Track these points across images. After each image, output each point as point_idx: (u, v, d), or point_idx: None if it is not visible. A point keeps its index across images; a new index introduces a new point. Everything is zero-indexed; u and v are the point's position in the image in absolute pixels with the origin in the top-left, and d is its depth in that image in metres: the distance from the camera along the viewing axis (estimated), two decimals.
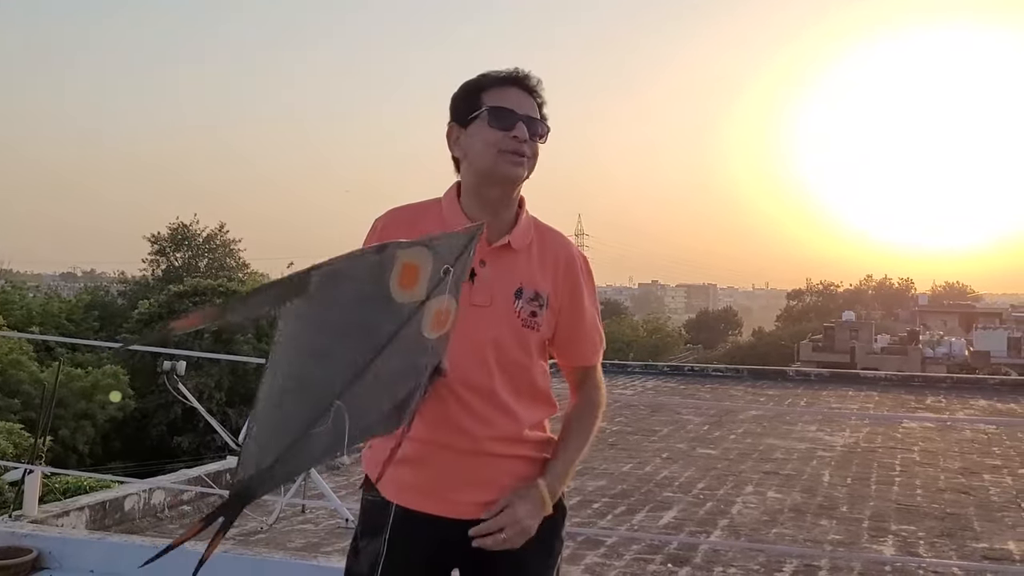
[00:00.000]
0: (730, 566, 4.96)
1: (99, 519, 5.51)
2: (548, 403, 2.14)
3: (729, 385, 14.34)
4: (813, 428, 9.98)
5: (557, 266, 2.08)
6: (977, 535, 5.79)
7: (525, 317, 2.03)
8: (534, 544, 2.00)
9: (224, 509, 1.73)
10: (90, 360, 31.81)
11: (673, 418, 10.56)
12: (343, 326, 1.65)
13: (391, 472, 1.95)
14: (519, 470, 2.05)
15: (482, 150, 2.01)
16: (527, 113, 2.03)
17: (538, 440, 2.10)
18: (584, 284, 2.12)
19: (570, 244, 2.16)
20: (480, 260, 2.00)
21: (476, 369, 2.00)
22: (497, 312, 2.01)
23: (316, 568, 4.01)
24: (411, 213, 2.11)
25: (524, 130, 2.01)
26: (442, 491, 2.01)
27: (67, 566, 4.21)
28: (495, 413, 2.01)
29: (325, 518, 5.95)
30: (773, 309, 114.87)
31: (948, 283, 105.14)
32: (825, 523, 6.01)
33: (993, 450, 8.95)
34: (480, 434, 1.99)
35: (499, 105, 2.01)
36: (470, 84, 2.07)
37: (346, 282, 1.63)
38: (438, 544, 2.02)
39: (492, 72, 2.08)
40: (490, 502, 1.99)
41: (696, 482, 7.18)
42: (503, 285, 2.03)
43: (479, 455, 2.00)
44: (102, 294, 45.28)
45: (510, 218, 2.08)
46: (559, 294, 2.08)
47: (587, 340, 2.14)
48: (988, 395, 13.55)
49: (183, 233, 46.45)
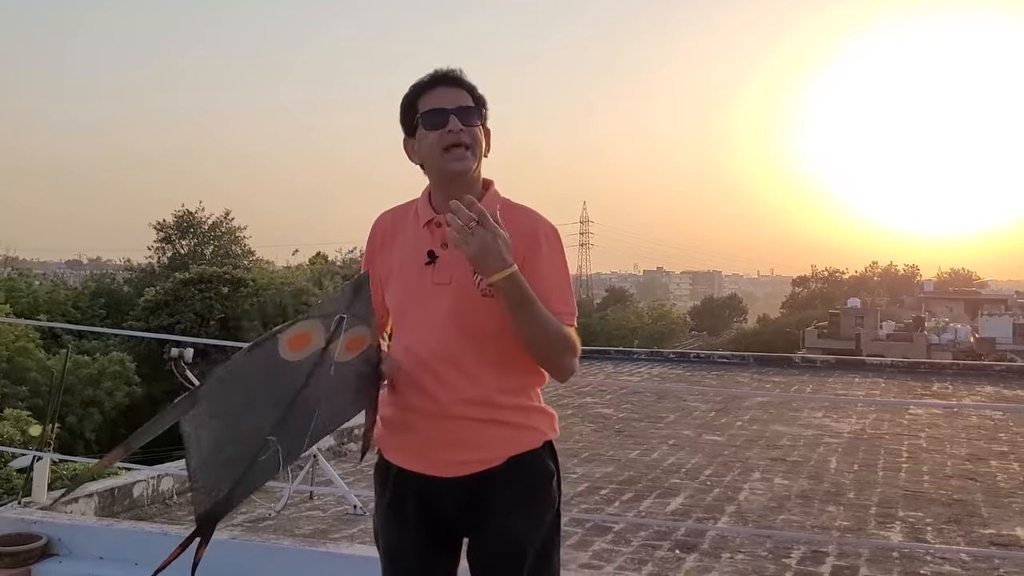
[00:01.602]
0: (738, 552, 4.97)
1: (108, 506, 5.52)
2: (528, 370, 2.27)
3: (735, 372, 14.33)
4: (819, 414, 9.98)
5: (519, 236, 2.19)
6: (984, 521, 5.79)
7: (484, 288, 2.16)
8: (519, 502, 2.20)
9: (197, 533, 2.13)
10: (97, 347, 31.92)
11: (679, 405, 10.56)
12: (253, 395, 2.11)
13: (388, 437, 2.32)
14: (494, 432, 2.22)
15: (429, 153, 2.23)
16: (457, 104, 2.22)
17: (516, 406, 2.25)
18: (544, 250, 2.25)
19: (537, 217, 2.31)
20: (442, 243, 2.23)
21: (440, 340, 2.22)
22: (456, 287, 2.21)
23: (325, 554, 4.02)
24: (393, 215, 2.39)
25: (456, 122, 2.19)
26: (423, 452, 2.25)
27: (76, 552, 4.23)
28: (459, 379, 2.21)
29: (333, 504, 5.96)
30: (778, 296, 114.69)
31: (953, 269, 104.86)
32: (832, 509, 6.01)
33: (1000, 436, 8.94)
34: (445, 398, 2.20)
35: (429, 108, 2.21)
36: (406, 97, 2.28)
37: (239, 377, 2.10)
38: (427, 498, 2.25)
39: (419, 79, 2.27)
40: (466, 461, 2.22)
41: (703, 468, 7.18)
42: (463, 262, 2.15)
43: (449, 418, 2.21)
44: (108, 282, 45.30)
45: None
46: (520, 262, 2.16)
47: (545, 301, 2.18)
48: (994, 381, 13.52)
49: (189, 221, 46.48)
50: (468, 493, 2.22)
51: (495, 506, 2.21)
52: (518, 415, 2.25)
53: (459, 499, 2.23)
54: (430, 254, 2.25)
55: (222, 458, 2.11)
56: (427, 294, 2.24)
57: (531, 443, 2.25)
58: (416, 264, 2.27)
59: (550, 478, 2.28)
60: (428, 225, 2.28)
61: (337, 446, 7.41)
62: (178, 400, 2.10)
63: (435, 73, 2.27)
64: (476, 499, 2.22)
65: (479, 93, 2.28)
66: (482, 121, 2.27)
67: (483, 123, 2.28)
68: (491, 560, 2.23)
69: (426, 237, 2.27)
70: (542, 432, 2.28)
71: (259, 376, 2.13)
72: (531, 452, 2.24)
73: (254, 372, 2.13)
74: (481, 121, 2.26)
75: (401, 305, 2.31)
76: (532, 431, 2.27)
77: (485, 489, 2.21)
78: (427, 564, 2.30)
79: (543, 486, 2.25)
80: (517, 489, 2.22)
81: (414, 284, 2.27)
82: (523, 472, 2.23)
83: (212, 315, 34.60)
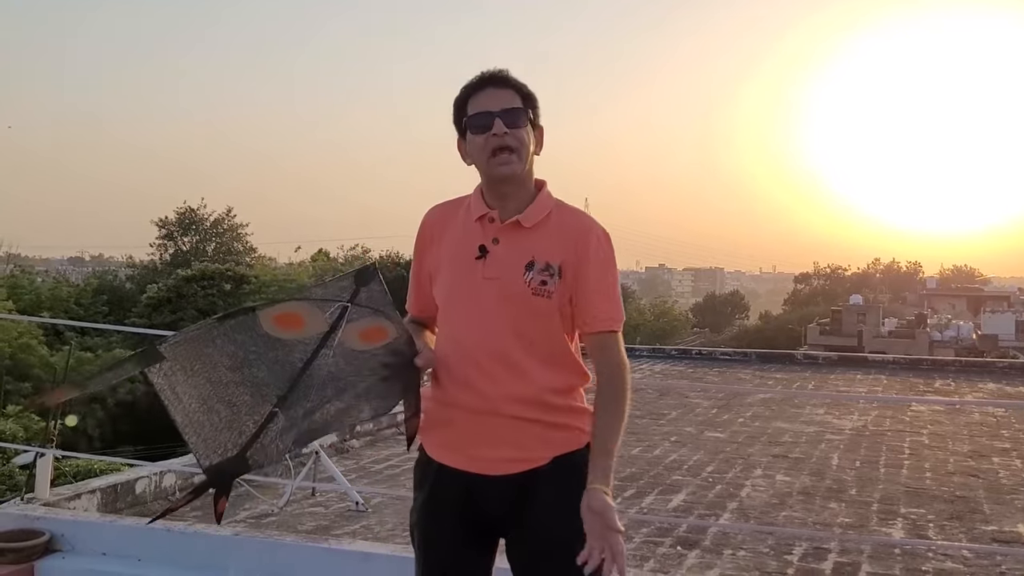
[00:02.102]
0: (739, 549, 4.97)
1: (111, 502, 5.53)
2: (574, 370, 2.29)
3: (737, 369, 14.33)
4: (821, 411, 9.98)
5: (572, 239, 2.25)
6: (987, 518, 5.78)
7: (535, 286, 2.22)
8: (563, 503, 2.17)
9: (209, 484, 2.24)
10: (99, 344, 31.93)
11: (681, 401, 10.56)
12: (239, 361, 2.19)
13: (431, 432, 2.31)
14: (540, 432, 2.22)
15: (477, 156, 2.25)
16: (503, 107, 2.23)
17: (563, 407, 2.25)
18: (593, 254, 2.27)
19: (589, 220, 2.32)
20: (493, 238, 2.26)
21: (489, 335, 2.22)
22: (506, 283, 2.22)
23: (327, 551, 4.02)
24: (443, 210, 2.40)
25: (501, 125, 2.21)
26: (466, 448, 2.24)
27: (79, 548, 4.23)
28: (506, 374, 2.21)
29: (335, 501, 5.97)
30: (780, 293, 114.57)
31: (956, 266, 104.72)
32: (834, 506, 6.01)
33: (1002, 433, 8.93)
34: (492, 393, 2.21)
35: (475, 112, 2.24)
36: (457, 98, 2.30)
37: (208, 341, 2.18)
38: (469, 496, 2.25)
39: (469, 80, 2.29)
40: (511, 459, 2.21)
41: (705, 465, 7.18)
42: (514, 259, 2.23)
43: (495, 415, 2.21)
44: (110, 278, 45.35)
45: (526, 199, 2.28)
46: (572, 264, 2.23)
47: (592, 306, 2.25)
48: (997, 378, 13.50)
49: (191, 217, 46.56)
50: (514, 491, 2.22)
51: (540, 506, 2.21)
52: (565, 415, 2.26)
53: (506, 496, 2.23)
54: (481, 248, 2.26)
55: (217, 420, 2.19)
56: (476, 288, 2.25)
57: (575, 443, 2.25)
58: (466, 258, 2.28)
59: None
60: (480, 220, 2.29)
61: (339, 443, 7.41)
62: (137, 352, 2.19)
63: (483, 74, 2.28)
64: (522, 497, 2.22)
65: (528, 91, 2.28)
66: (532, 120, 2.28)
67: (533, 122, 2.29)
68: (534, 560, 2.24)
69: (477, 232, 2.28)
70: (586, 432, 2.28)
71: (242, 345, 2.19)
72: (575, 452, 2.24)
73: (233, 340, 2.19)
74: (531, 120, 2.27)
75: (449, 298, 2.31)
76: (577, 431, 2.27)
77: (531, 488, 2.21)
78: (464, 561, 2.30)
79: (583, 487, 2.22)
80: (562, 490, 2.21)
81: (463, 278, 2.27)
82: (568, 473, 2.22)
83: (215, 312, 34.54)
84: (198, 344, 2.17)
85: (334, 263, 50.01)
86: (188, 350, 2.16)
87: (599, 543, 2.03)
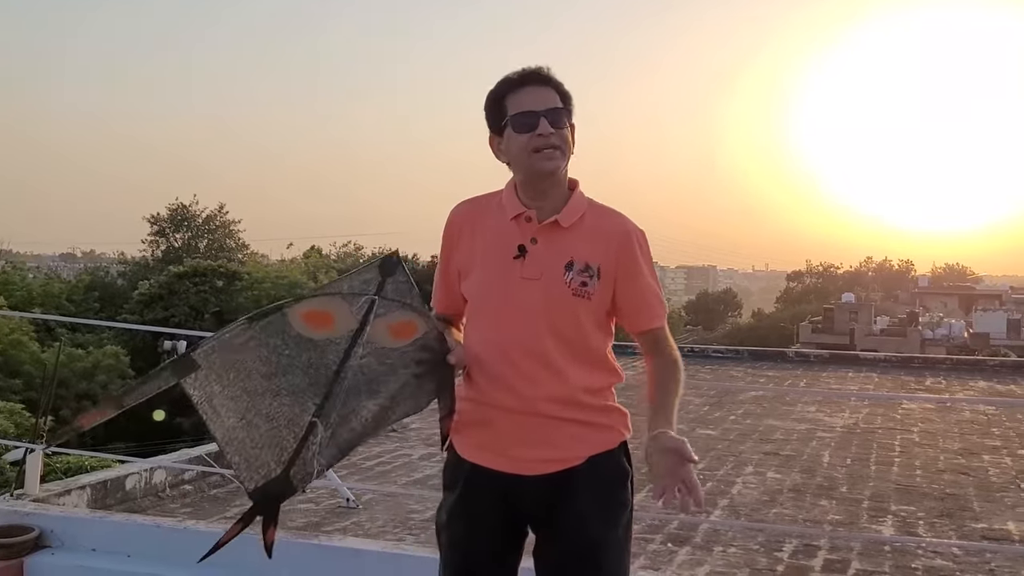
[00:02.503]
0: (730, 545, 4.98)
1: (100, 498, 5.52)
2: (609, 371, 2.31)
3: (729, 366, 14.34)
4: (813, 409, 9.99)
5: (611, 240, 2.25)
6: (976, 515, 5.80)
7: (576, 287, 2.21)
8: (596, 504, 2.21)
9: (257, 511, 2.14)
10: (91, 340, 31.90)
11: None
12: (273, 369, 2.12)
13: (463, 432, 2.29)
14: (576, 432, 2.23)
15: (518, 154, 2.22)
16: (547, 106, 2.21)
17: (597, 406, 2.27)
18: (640, 255, 2.27)
19: (627, 221, 2.32)
20: (532, 238, 2.24)
21: (527, 335, 2.21)
22: (547, 283, 2.20)
23: (317, 547, 4.02)
24: (470, 207, 2.37)
25: (547, 125, 2.18)
26: (502, 448, 2.23)
27: (69, 545, 4.22)
28: (544, 374, 2.20)
29: (326, 497, 5.96)
30: (773, 291, 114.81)
31: (948, 265, 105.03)
32: (825, 503, 6.02)
33: (992, 431, 8.96)
34: (530, 394, 2.20)
35: (520, 111, 2.20)
36: (493, 93, 2.28)
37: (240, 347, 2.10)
38: (503, 496, 2.23)
39: (508, 75, 2.26)
40: (548, 459, 2.20)
41: (696, 463, 7.18)
42: (553, 259, 2.22)
43: (532, 415, 2.20)
44: (102, 275, 45.31)
45: (562, 199, 2.27)
46: (613, 265, 2.23)
47: (645, 305, 2.29)
48: (988, 376, 13.54)
49: (183, 214, 46.46)
50: (549, 491, 2.21)
51: (573, 506, 2.21)
52: (600, 415, 2.27)
53: (541, 497, 2.22)
54: (520, 248, 2.24)
55: (257, 436, 2.10)
56: (514, 288, 2.23)
57: (610, 443, 2.27)
58: (502, 257, 2.26)
59: (626, 478, 2.31)
60: (517, 219, 2.27)
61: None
62: (171, 361, 2.09)
63: (524, 71, 2.26)
64: (556, 498, 2.21)
65: (565, 90, 2.28)
66: (569, 120, 2.27)
67: (570, 121, 2.28)
68: (564, 560, 2.23)
69: (514, 231, 2.26)
70: (619, 432, 2.31)
71: (275, 350, 2.13)
72: (609, 452, 2.26)
73: (265, 344, 2.13)
74: (568, 120, 2.27)
75: (482, 296, 2.29)
76: (611, 431, 2.28)
77: (566, 488, 2.21)
78: (492, 562, 2.30)
79: (620, 487, 2.27)
80: (596, 490, 2.23)
81: (499, 277, 2.25)
82: (602, 472, 2.24)
83: (207, 309, 34.54)
84: (231, 351, 2.11)
85: (326, 260, 49.96)
86: (222, 358, 2.10)
87: (673, 480, 2.04)
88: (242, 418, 2.09)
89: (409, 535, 5.01)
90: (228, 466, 2.21)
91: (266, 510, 2.14)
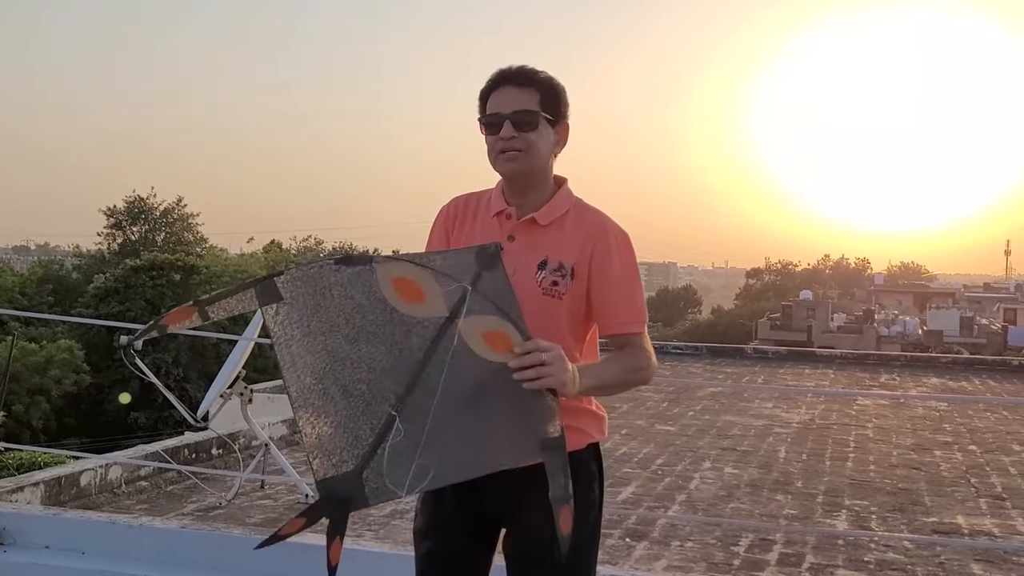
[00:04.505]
0: (687, 540, 5.03)
1: (55, 495, 5.44)
2: None
3: (688, 362, 14.46)
4: (770, 405, 10.11)
5: (588, 239, 2.23)
6: (928, 510, 5.91)
7: (546, 286, 2.20)
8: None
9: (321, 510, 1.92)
10: (44, 335, 31.34)
11: (632, 395, 10.62)
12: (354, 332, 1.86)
13: None
14: None
15: (488, 154, 2.24)
16: (514, 108, 2.19)
17: (569, 407, 2.18)
18: (615, 255, 2.24)
19: (607, 220, 2.29)
20: (509, 235, 2.23)
21: None
22: (519, 281, 2.12)
23: (284, 544, 3.99)
24: (467, 199, 2.37)
25: (510, 128, 2.18)
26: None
27: (22, 542, 4.16)
28: None
29: (284, 494, 5.93)
30: (732, 288, 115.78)
31: (903, 263, 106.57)
32: (780, 498, 6.10)
33: (944, 427, 9.12)
34: None
35: (488, 112, 2.22)
36: (480, 93, 2.28)
37: (324, 291, 1.86)
38: (469, 496, 2.22)
39: (495, 72, 2.26)
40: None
41: (655, 458, 7.25)
42: (527, 257, 2.21)
43: None
44: (56, 268, 44.47)
45: (544, 197, 2.27)
46: (587, 265, 2.21)
47: (612, 308, 2.24)
48: (940, 373, 13.79)
49: (140, 207, 45.74)
50: (508, 489, 2.18)
51: (533, 504, 2.15)
52: (567, 416, 2.15)
53: (503, 494, 2.20)
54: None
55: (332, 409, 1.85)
56: None
57: (575, 444, 2.19)
58: None
59: (591, 481, 2.29)
60: (499, 216, 2.28)
61: (289, 435, 7.36)
62: (256, 279, 1.87)
63: (502, 71, 2.25)
64: (517, 496, 2.20)
65: (551, 87, 2.24)
66: (555, 119, 2.24)
67: (559, 120, 2.26)
68: (521, 556, 2.24)
69: (495, 227, 2.27)
70: (588, 435, 2.28)
71: (360, 309, 1.87)
72: (573, 454, 2.16)
73: (351, 298, 1.87)
74: (553, 120, 2.23)
75: None
76: (578, 433, 2.23)
77: (525, 488, 2.15)
78: (463, 549, 2.30)
79: (582, 489, 2.17)
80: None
81: None
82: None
83: (164, 303, 34.09)
84: (316, 291, 1.85)
85: (286, 254, 49.54)
86: (306, 295, 1.84)
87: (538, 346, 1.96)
88: (320, 381, 1.84)
89: (368, 531, 5.00)
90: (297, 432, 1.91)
91: (335, 513, 1.88)
